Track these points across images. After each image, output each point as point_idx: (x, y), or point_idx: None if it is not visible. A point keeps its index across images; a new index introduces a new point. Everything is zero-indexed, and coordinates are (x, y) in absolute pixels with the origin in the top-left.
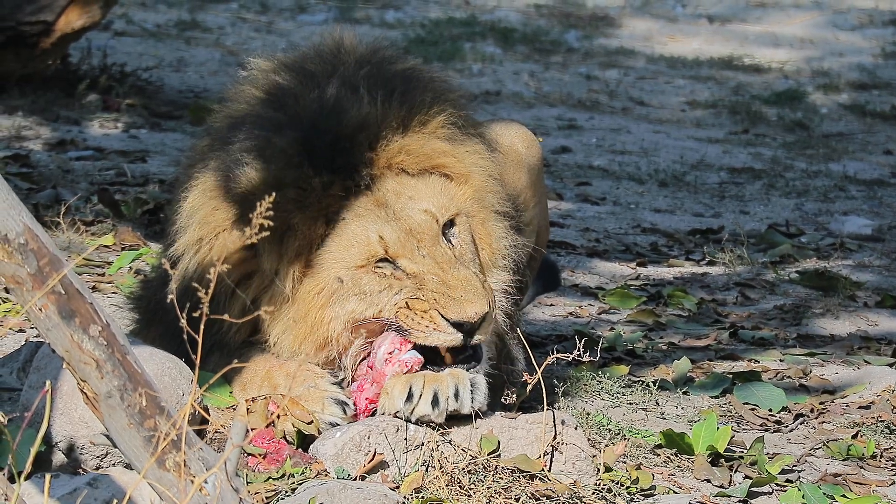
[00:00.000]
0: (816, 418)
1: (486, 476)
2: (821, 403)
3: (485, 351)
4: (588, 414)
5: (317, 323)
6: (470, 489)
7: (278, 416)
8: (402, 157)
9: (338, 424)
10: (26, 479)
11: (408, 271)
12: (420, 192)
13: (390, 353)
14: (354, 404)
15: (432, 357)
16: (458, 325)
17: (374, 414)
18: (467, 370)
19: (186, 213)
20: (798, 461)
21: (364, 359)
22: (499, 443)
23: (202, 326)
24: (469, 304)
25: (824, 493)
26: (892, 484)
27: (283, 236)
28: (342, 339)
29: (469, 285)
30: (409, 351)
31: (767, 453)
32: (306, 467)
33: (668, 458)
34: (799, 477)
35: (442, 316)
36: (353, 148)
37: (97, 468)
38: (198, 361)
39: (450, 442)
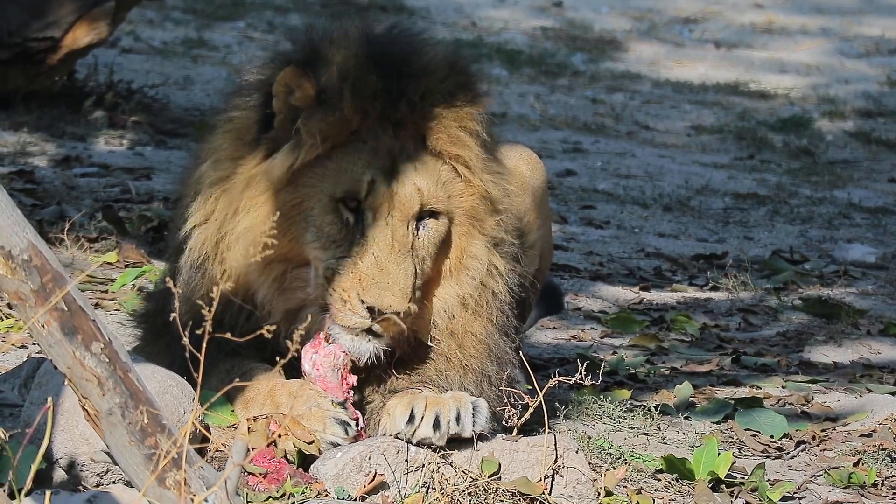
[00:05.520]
0: (818, 445)
1: (486, 498)
2: (822, 431)
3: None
4: (589, 438)
5: (282, 232)
6: None
7: (279, 436)
8: (434, 125)
9: (339, 444)
10: (26, 495)
11: (366, 225)
12: (427, 169)
13: (313, 362)
14: None
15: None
16: (370, 310)
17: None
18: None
19: (199, 178)
20: (799, 488)
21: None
22: (500, 465)
23: (204, 345)
24: (390, 296)
25: None
26: None
27: (326, 114)
28: (290, 258)
29: (401, 279)
30: (325, 347)
31: (768, 480)
32: (306, 487)
33: (669, 483)
34: None
35: (360, 299)
36: (410, 81)
37: (97, 485)
38: (199, 380)
39: (450, 464)
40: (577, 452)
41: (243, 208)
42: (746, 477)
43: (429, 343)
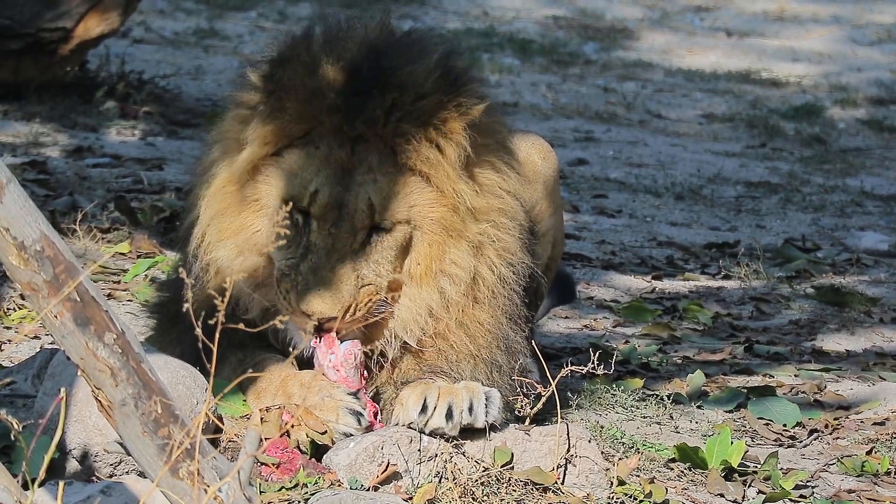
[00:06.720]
0: (831, 434)
1: (499, 488)
2: (835, 419)
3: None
4: (602, 427)
5: (246, 227)
6: (483, 501)
7: (292, 426)
8: (402, 142)
9: (352, 434)
10: (40, 486)
11: (311, 230)
12: (388, 182)
13: (332, 363)
14: None
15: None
16: (306, 314)
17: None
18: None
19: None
20: (812, 477)
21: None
22: (512, 455)
23: (217, 336)
24: (318, 301)
25: None
26: None
27: (272, 114)
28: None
29: (335, 283)
30: (341, 345)
31: (781, 468)
32: (319, 477)
33: (682, 472)
34: (813, 493)
35: (297, 303)
36: (376, 98)
37: (111, 476)
38: (213, 371)
39: (463, 454)
40: (589, 442)
41: (220, 199)
42: (759, 466)
43: (415, 346)
